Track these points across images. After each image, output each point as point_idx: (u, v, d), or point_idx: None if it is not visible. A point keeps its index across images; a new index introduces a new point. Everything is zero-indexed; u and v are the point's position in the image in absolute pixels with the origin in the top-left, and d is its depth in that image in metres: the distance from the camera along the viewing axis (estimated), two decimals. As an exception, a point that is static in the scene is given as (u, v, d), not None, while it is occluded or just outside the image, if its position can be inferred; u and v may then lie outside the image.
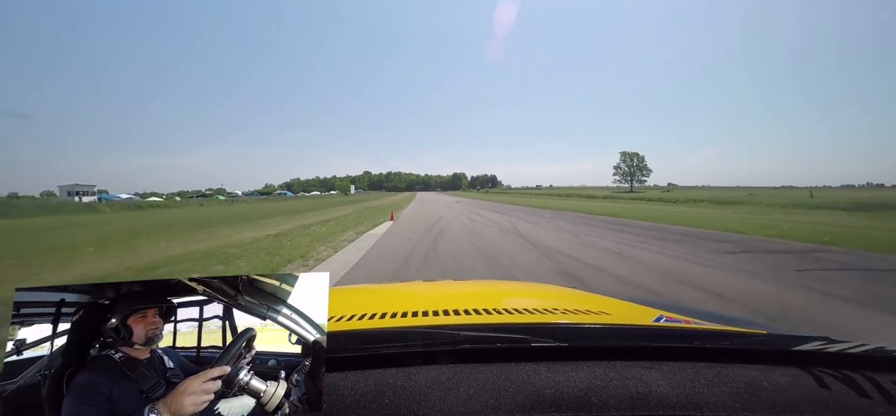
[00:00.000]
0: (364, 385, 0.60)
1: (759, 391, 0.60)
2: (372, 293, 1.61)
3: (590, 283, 5.02)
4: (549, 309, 1.03)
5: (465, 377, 0.62)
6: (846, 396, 0.59)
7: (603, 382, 0.61)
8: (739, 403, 0.58)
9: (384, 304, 1.15)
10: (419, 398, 0.58)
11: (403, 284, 1.92)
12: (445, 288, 1.75)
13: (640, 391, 0.59)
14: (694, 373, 0.64)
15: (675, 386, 0.61)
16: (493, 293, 1.58)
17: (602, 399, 0.58)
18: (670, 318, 0.96)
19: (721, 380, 0.62)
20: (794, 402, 0.58)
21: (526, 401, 0.57)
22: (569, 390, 0.59)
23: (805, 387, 0.61)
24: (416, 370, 0.64)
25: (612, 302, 1.25)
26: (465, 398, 0.58)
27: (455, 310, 0.96)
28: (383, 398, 0.58)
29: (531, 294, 1.52)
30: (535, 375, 0.63)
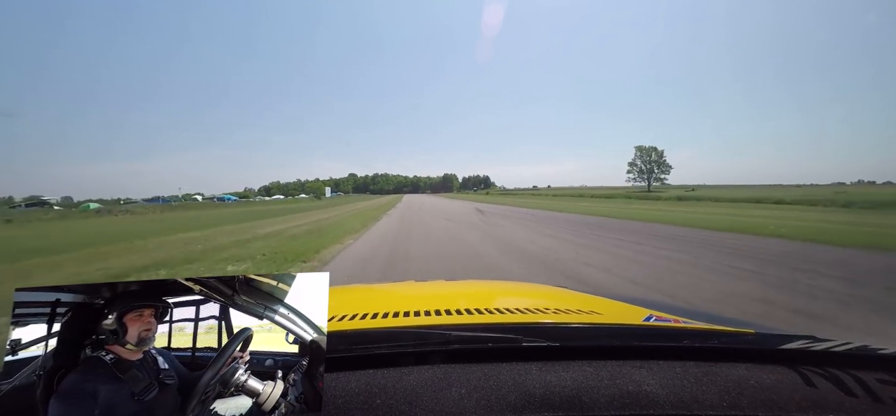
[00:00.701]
0: (355, 386, 0.60)
1: (746, 390, 0.61)
2: (363, 293, 1.60)
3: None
4: (540, 309, 1.03)
5: (457, 376, 0.63)
6: (831, 393, 0.60)
7: (593, 381, 0.62)
8: (726, 401, 0.59)
9: (376, 304, 1.14)
10: (411, 398, 0.58)
11: (395, 284, 1.92)
12: (437, 288, 1.75)
13: (630, 390, 0.60)
14: (683, 372, 0.65)
15: (664, 385, 0.61)
16: (484, 293, 1.59)
17: (592, 398, 0.58)
18: (660, 317, 0.98)
19: (709, 379, 0.63)
20: (779, 400, 0.59)
21: (517, 401, 0.58)
22: (559, 389, 0.60)
23: (791, 385, 0.62)
24: (407, 371, 0.64)
25: (602, 302, 1.27)
26: (456, 398, 0.58)
27: (447, 310, 0.96)
28: (375, 398, 0.58)
29: (522, 294, 1.53)
30: (526, 374, 0.63)
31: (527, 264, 6.41)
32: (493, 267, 6.28)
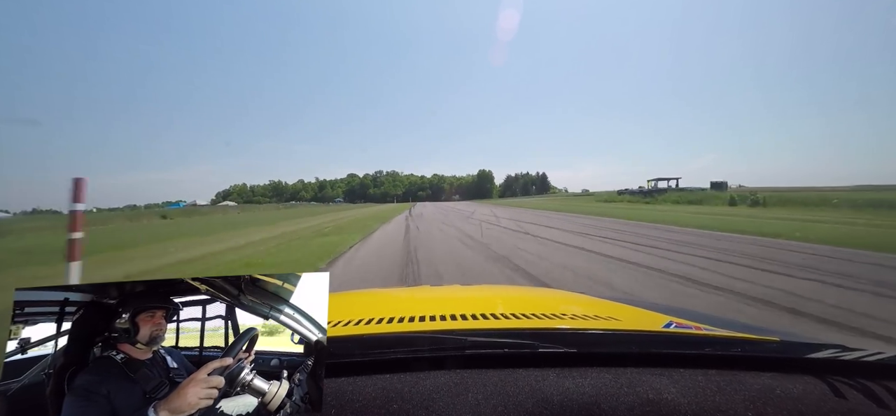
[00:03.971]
0: (371, 390, 0.60)
1: (772, 400, 0.59)
2: (379, 298, 1.61)
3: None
4: (556, 314, 1.02)
5: (473, 382, 0.62)
6: (862, 405, 0.58)
7: (612, 388, 0.60)
8: (751, 411, 0.57)
9: (391, 309, 1.15)
10: (427, 403, 0.58)
11: (410, 288, 1.93)
12: (452, 293, 1.74)
13: (651, 398, 0.58)
14: (705, 380, 0.63)
15: (685, 393, 0.60)
16: (500, 298, 1.58)
17: (611, 406, 0.57)
18: (681, 324, 0.95)
19: (732, 387, 0.61)
20: (807, 411, 0.56)
21: (534, 407, 0.57)
22: (577, 396, 0.59)
23: (819, 395, 0.60)
24: (423, 376, 0.64)
25: (620, 307, 1.24)
26: (472, 404, 0.57)
27: (462, 315, 0.96)
28: (391, 403, 0.58)
29: (539, 299, 1.51)
30: (543, 381, 0.62)
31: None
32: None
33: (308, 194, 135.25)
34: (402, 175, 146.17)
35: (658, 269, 5.94)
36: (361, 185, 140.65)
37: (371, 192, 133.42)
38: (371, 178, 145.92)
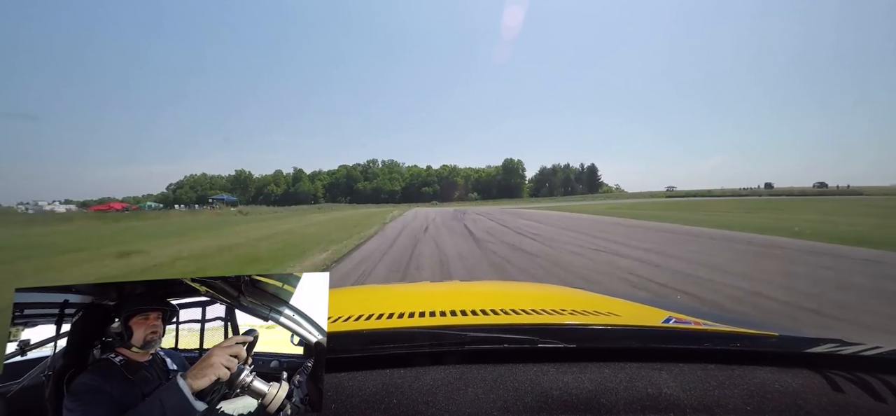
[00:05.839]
0: (372, 385, 0.61)
1: (770, 394, 0.59)
2: (379, 293, 1.62)
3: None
4: (556, 310, 1.02)
5: (473, 377, 0.62)
6: (860, 399, 0.58)
7: (612, 383, 0.61)
8: (750, 405, 0.57)
9: (391, 304, 1.15)
10: (427, 398, 0.58)
11: (410, 284, 1.94)
12: (452, 288, 1.75)
13: (650, 393, 0.59)
14: (704, 375, 0.63)
15: (684, 388, 0.60)
16: (500, 294, 1.58)
17: (611, 401, 0.57)
18: (680, 319, 0.95)
19: (732, 382, 0.61)
20: (806, 405, 0.57)
21: (534, 402, 0.57)
22: (577, 391, 0.59)
23: (818, 390, 0.60)
24: (423, 371, 0.64)
25: (620, 303, 1.24)
26: (472, 399, 0.58)
27: (462, 310, 0.96)
28: (391, 398, 0.58)
29: (538, 295, 1.51)
30: (542, 376, 0.63)
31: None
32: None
33: (279, 189, 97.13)
34: (403, 167, 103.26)
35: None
36: (348, 177, 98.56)
37: (359, 187, 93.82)
38: (360, 169, 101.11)
